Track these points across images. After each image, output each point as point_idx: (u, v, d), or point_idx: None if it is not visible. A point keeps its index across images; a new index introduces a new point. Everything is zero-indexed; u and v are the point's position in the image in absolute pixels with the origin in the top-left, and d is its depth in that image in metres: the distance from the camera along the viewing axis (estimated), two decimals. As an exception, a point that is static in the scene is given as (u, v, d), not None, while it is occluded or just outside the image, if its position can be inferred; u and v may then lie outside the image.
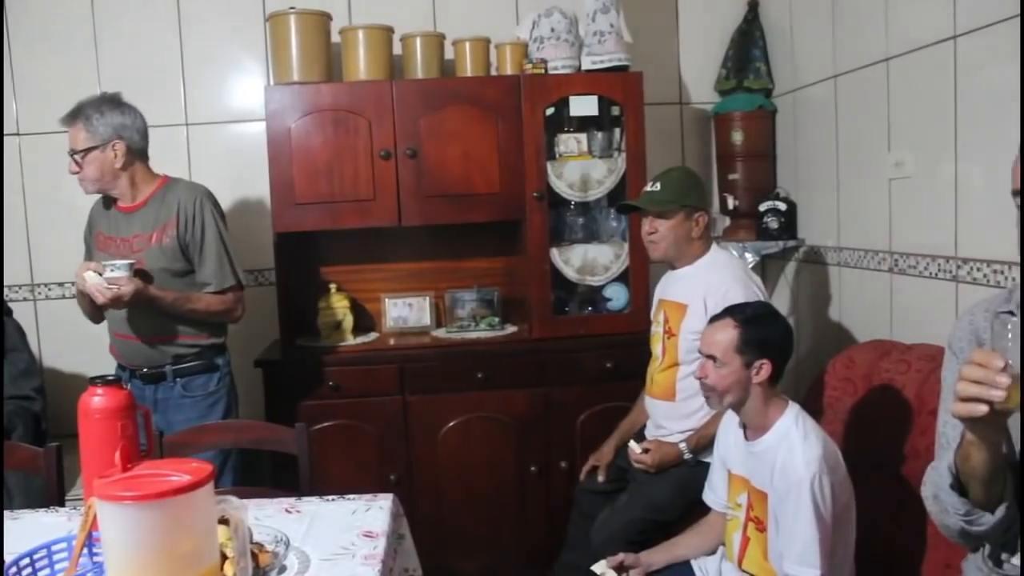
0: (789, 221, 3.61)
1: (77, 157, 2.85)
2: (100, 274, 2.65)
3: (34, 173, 3.84)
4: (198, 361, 2.95)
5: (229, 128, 3.86)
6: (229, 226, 3.03)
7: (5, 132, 3.80)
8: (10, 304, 3.21)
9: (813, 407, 2.81)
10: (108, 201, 3.01)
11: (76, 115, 2.85)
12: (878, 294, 3.06)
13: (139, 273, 2.74)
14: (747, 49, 3.80)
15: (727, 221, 3.89)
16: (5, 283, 3.76)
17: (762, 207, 3.63)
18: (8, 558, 1.69)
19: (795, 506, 2.01)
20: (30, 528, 2.07)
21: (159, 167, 3.63)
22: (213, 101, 3.86)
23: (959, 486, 1.49)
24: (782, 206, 3.60)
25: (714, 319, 2.26)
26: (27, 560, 1.71)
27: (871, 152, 3.04)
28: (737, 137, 3.74)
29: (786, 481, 2.03)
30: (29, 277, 3.85)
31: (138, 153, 2.92)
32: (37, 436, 2.98)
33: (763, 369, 2.14)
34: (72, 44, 3.80)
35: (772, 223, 3.61)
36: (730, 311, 2.25)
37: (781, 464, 2.06)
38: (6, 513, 2.26)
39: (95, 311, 2.91)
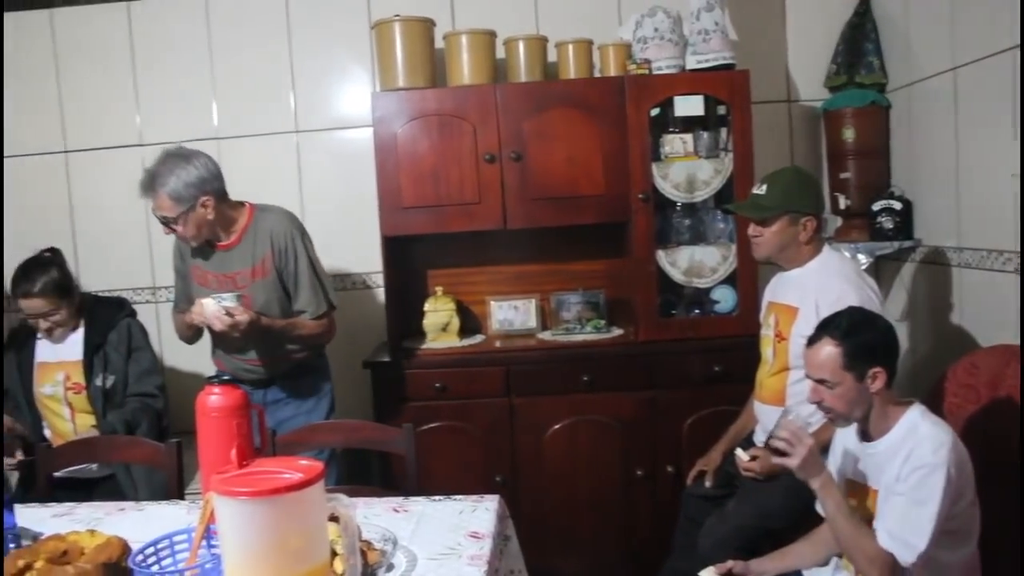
0: (904, 221, 3.47)
1: (170, 221, 2.83)
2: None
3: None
4: (302, 368, 3.05)
5: (337, 135, 3.95)
6: (336, 231, 3.10)
7: (129, 144, 3.99)
8: (133, 306, 3.35)
9: (933, 412, 2.70)
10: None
11: (153, 185, 2.80)
12: (1004, 297, 2.91)
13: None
14: (858, 43, 3.68)
15: (838, 221, 3.77)
16: (130, 286, 3.95)
17: (875, 206, 3.51)
18: (135, 546, 1.77)
19: (920, 487, 1.94)
20: (153, 519, 2.17)
21: (272, 175, 3.75)
22: (321, 108, 3.96)
23: None
24: (897, 205, 3.47)
25: (811, 340, 2.17)
26: (152, 549, 1.79)
27: (996, 146, 2.89)
28: (848, 134, 3.62)
29: (914, 465, 1.96)
30: (151, 281, 4.03)
31: (223, 197, 2.92)
32: (159, 432, 3.12)
33: (878, 377, 2.07)
34: (188, 56, 3.97)
35: (886, 223, 3.48)
36: (824, 327, 2.16)
37: (908, 453, 1.99)
38: (132, 504, 2.37)
39: (193, 333, 3.03)
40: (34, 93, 4.00)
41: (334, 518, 1.58)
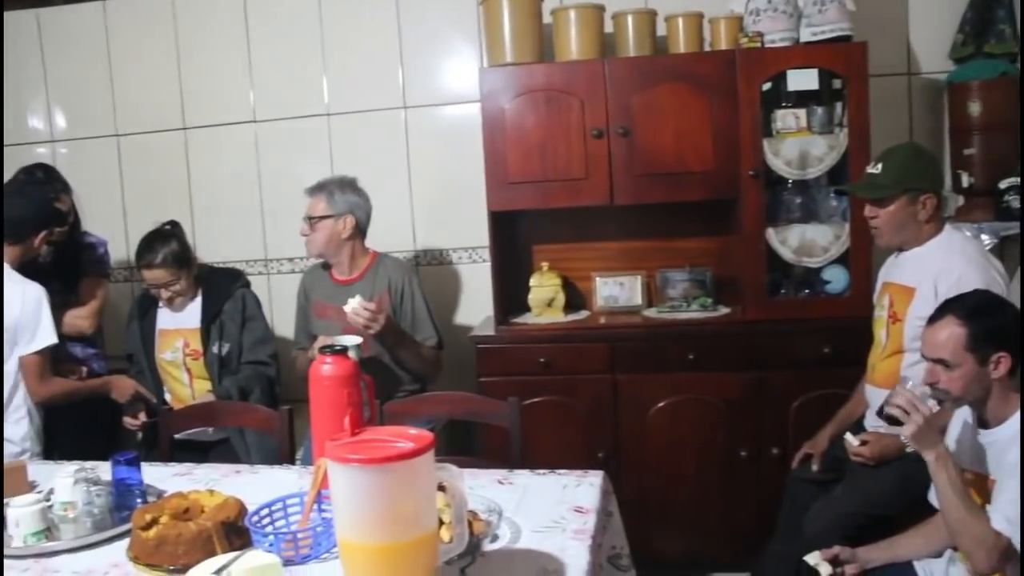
0: (1034, 199, 3.31)
1: (313, 222, 3.22)
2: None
3: (267, 159, 4.13)
4: None
5: (444, 110, 3.98)
6: (443, 206, 3.16)
7: (243, 120, 4.12)
8: (248, 277, 3.46)
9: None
10: (322, 273, 3.35)
11: (320, 188, 3.26)
12: None
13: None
14: (990, 9, 3.49)
15: (960, 200, 3.61)
16: (244, 259, 4.08)
17: (1002, 184, 3.35)
18: (251, 507, 1.84)
19: None
20: (267, 482, 2.25)
21: (380, 151, 3.84)
22: (429, 84, 3.99)
23: None
24: (1026, 183, 3.31)
25: (933, 319, 2.09)
26: (266, 511, 1.86)
27: None
28: (975, 108, 3.45)
29: None
30: (263, 253, 4.15)
31: (362, 231, 3.30)
32: (271, 399, 3.23)
33: (1002, 363, 1.98)
34: (299, 33, 4.05)
35: (1014, 202, 3.32)
36: (948, 307, 2.08)
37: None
38: (247, 467, 2.47)
39: None
40: (155, 73, 4.16)
41: (442, 488, 1.60)
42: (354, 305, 2.93)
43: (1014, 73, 3.46)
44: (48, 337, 2.87)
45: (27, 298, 2.84)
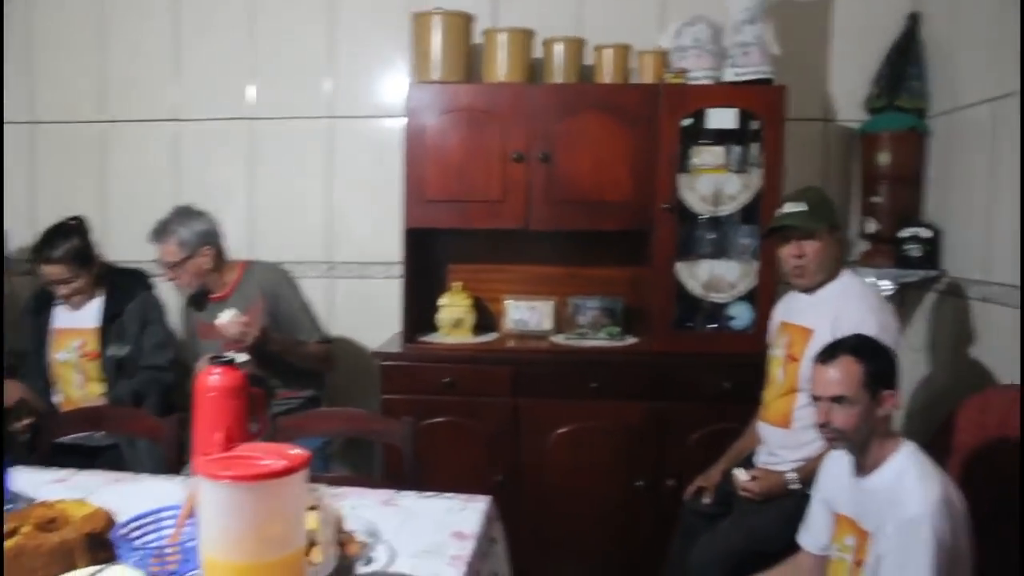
0: (932, 250, 3.42)
1: (173, 268, 3.19)
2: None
3: (188, 160, 4.06)
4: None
5: (370, 123, 3.96)
6: (361, 218, 3.15)
7: (165, 118, 4.04)
8: (154, 280, 3.39)
9: (940, 449, 2.66)
10: (197, 295, 3.31)
11: (165, 233, 3.18)
12: (1024, 335, 2.86)
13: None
14: (902, 66, 3.61)
15: (865, 245, 3.71)
16: (150, 259, 3.98)
17: (903, 233, 3.46)
18: (120, 519, 1.79)
19: (907, 549, 1.90)
20: (148, 492, 2.18)
21: (304, 159, 3.81)
22: (356, 95, 3.97)
23: None
24: (926, 233, 3.42)
25: (826, 359, 2.13)
26: (137, 523, 1.81)
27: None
28: (884, 158, 3.56)
29: (899, 521, 1.92)
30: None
31: (221, 252, 3.28)
32: (167, 406, 3.15)
33: (889, 400, 2.04)
34: (229, 35, 3.99)
35: (913, 251, 3.43)
36: (839, 347, 2.13)
37: (895, 503, 1.95)
38: (129, 476, 2.40)
39: None
40: (76, 62, 4.05)
41: (315, 508, 1.58)
42: (225, 320, 2.95)
43: (922, 128, 3.58)
44: None
45: None
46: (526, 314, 3.74)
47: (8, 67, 4.06)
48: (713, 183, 3.37)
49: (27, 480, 2.19)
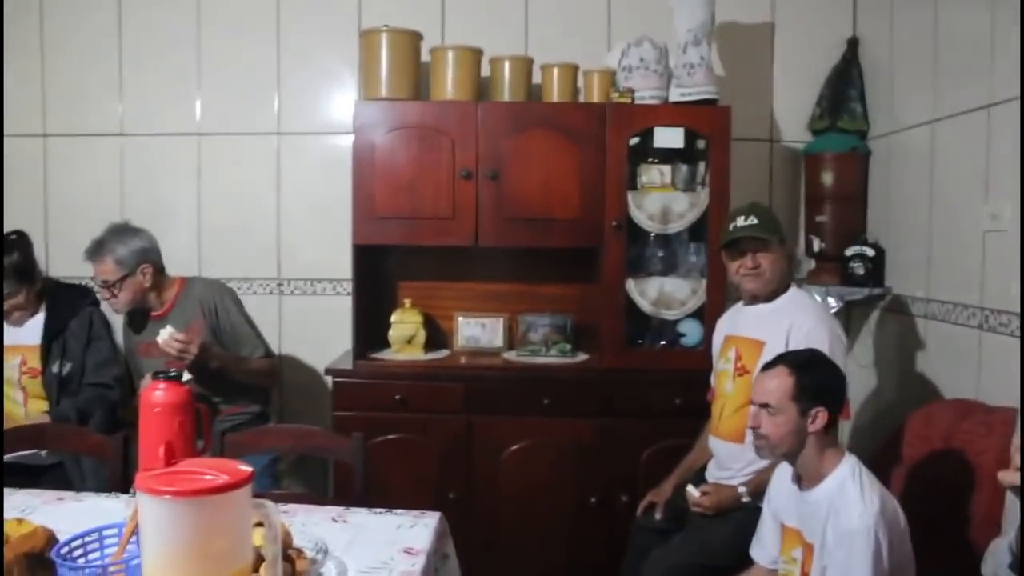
0: (876, 268, 3.49)
1: (111, 287, 3.09)
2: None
3: (132, 174, 4.00)
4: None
5: (318, 139, 3.95)
6: (310, 235, 3.14)
7: (110, 132, 3.99)
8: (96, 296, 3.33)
9: (886, 462, 2.72)
10: (137, 312, 3.23)
11: (101, 251, 3.09)
12: (966, 351, 2.93)
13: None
14: (843, 89, 3.71)
15: (811, 264, 3.78)
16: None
17: (849, 252, 3.53)
18: (62, 538, 1.75)
19: (847, 560, 1.93)
20: (91, 511, 2.14)
21: (251, 175, 3.77)
22: (304, 112, 3.95)
23: (1020, 568, 1.41)
24: (870, 252, 3.49)
25: (767, 367, 2.19)
26: (79, 542, 1.77)
27: (967, 202, 2.92)
28: (827, 178, 3.64)
29: (839, 533, 1.95)
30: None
31: (160, 269, 3.19)
32: (112, 423, 3.09)
33: (819, 417, 2.08)
34: (174, 50, 3.96)
35: (858, 269, 3.50)
36: (782, 358, 2.19)
37: (835, 515, 1.98)
38: (71, 494, 2.35)
39: None
40: (16, 72, 3.97)
41: (261, 524, 1.56)
42: (164, 337, 2.90)
43: (863, 149, 3.67)
44: None
45: None
46: (477, 331, 3.74)
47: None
48: (661, 201, 3.41)
49: (-37, 500, 2.13)
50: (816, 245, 3.69)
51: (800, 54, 3.87)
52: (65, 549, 1.72)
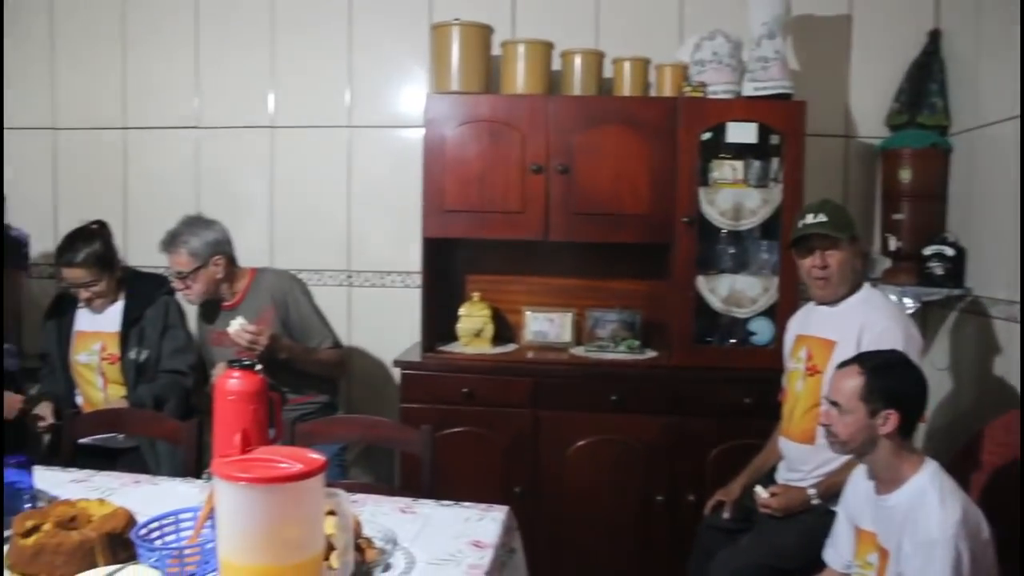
0: (956, 268, 3.39)
1: (185, 278, 3.17)
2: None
3: (208, 167, 4.09)
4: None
5: (389, 132, 3.98)
6: (380, 228, 3.20)
7: (187, 125, 4.09)
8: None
9: (963, 469, 2.63)
10: (210, 302, 3.30)
11: (175, 243, 3.16)
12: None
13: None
14: (924, 83, 3.61)
15: (887, 263, 3.69)
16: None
17: (927, 251, 3.43)
18: (140, 520, 1.79)
19: (925, 570, 1.87)
20: (166, 494, 2.19)
21: (322, 168, 3.80)
22: (376, 105, 3.99)
23: None
24: (949, 251, 3.39)
25: (842, 365, 2.16)
26: (156, 524, 1.81)
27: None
28: (905, 175, 3.55)
29: (917, 541, 1.90)
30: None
31: (232, 260, 3.26)
32: (187, 410, 3.17)
33: (890, 420, 2.03)
34: (249, 44, 4.03)
35: (937, 268, 3.40)
36: (858, 358, 2.15)
37: (914, 522, 1.93)
38: (147, 478, 2.41)
39: None
40: (99, 70, 4.10)
41: (333, 513, 1.57)
42: (235, 327, 2.95)
43: (943, 145, 3.56)
44: None
45: None
46: (545, 326, 3.73)
47: (31, 75, 4.12)
48: (733, 197, 3.36)
49: (49, 479, 2.20)
50: (892, 244, 3.59)
51: (878, 47, 3.77)
52: (144, 531, 1.76)
